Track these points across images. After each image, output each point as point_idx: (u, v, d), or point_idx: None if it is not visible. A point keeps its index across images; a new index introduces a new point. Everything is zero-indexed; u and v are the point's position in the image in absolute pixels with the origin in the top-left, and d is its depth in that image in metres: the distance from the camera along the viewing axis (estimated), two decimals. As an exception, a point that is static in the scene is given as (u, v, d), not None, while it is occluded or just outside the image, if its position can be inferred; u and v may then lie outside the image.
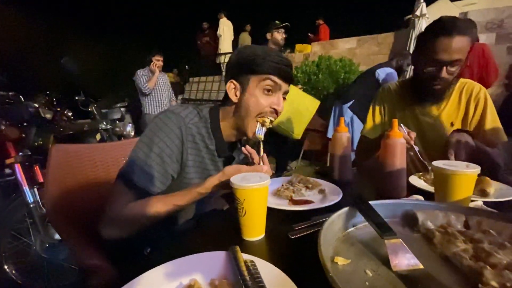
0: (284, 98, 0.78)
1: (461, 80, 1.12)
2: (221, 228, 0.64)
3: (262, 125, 0.76)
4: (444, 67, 0.98)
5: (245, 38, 6.92)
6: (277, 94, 0.75)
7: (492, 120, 1.07)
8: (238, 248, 0.46)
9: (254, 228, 0.56)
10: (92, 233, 0.73)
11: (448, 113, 1.12)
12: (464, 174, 0.60)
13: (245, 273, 0.40)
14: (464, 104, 1.11)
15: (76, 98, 2.30)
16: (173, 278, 0.42)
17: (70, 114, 2.25)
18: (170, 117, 0.71)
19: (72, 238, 0.78)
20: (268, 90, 0.74)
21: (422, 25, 3.69)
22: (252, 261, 0.43)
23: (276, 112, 0.76)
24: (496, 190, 0.75)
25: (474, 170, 0.59)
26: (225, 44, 7.16)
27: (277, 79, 0.73)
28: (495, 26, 3.66)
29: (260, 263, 0.43)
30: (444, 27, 0.96)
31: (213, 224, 0.65)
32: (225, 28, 7.11)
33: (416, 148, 0.97)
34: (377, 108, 1.26)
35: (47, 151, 1.79)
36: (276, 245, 0.55)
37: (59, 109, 2.11)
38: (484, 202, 0.67)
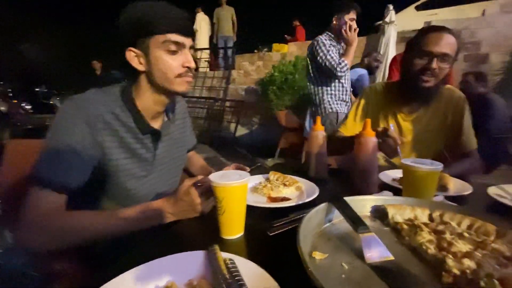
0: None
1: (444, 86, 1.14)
2: (198, 227, 0.62)
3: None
4: (435, 59, 1.00)
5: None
6: (184, 51, 0.71)
7: (468, 127, 1.11)
8: (217, 247, 0.46)
9: (233, 226, 0.56)
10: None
11: (428, 119, 1.14)
12: (428, 171, 0.65)
13: (225, 271, 0.40)
14: (444, 109, 1.13)
15: (37, 89, 2.11)
16: (148, 280, 0.40)
17: (28, 107, 2.06)
18: (67, 105, 0.66)
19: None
20: (174, 52, 0.69)
21: (391, 31, 3.91)
22: (231, 259, 0.43)
23: (190, 70, 0.73)
24: (455, 186, 0.82)
25: (437, 167, 0.64)
26: (202, 39, 7.01)
27: (178, 37, 0.68)
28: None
29: (240, 261, 0.43)
30: (434, 27, 1.03)
31: (191, 223, 0.63)
32: (202, 23, 6.96)
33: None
34: (361, 106, 1.25)
35: (2, 147, 1.62)
36: (255, 242, 0.55)
37: (15, 101, 1.92)
38: (445, 197, 0.73)
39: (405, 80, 1.12)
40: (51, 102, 2.31)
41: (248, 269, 0.41)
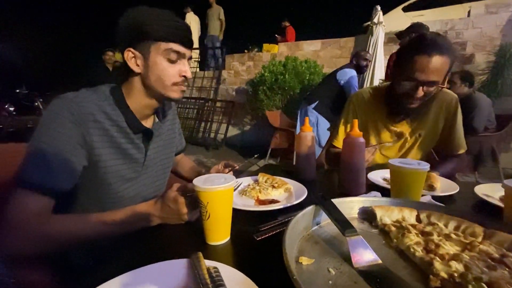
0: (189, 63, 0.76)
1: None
2: (183, 233, 0.60)
3: None
4: (420, 87, 0.95)
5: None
6: (183, 61, 0.73)
7: (459, 130, 1.10)
8: (200, 254, 0.44)
9: (219, 232, 0.54)
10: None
11: (419, 123, 1.11)
12: (416, 171, 0.65)
13: (208, 281, 0.38)
14: (436, 112, 1.10)
15: (17, 91, 2.04)
16: (128, 291, 0.38)
17: (11, 109, 1.98)
18: (56, 103, 0.64)
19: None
20: (173, 60, 0.71)
21: (379, 32, 3.96)
22: (215, 267, 0.41)
23: (186, 80, 0.74)
24: (442, 185, 0.83)
25: (424, 167, 0.64)
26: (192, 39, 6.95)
27: (180, 47, 0.70)
28: (439, 37, 4.08)
29: (224, 269, 0.41)
30: (424, 44, 0.93)
31: (173, 229, 0.61)
32: (192, 22, 6.90)
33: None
34: (350, 117, 1.21)
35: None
36: (241, 248, 0.54)
37: (-4, 102, 1.84)
38: (432, 196, 0.73)
39: (392, 95, 1.08)
40: (35, 104, 2.22)
41: (232, 277, 0.40)
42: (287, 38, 6.70)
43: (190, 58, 0.76)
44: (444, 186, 0.83)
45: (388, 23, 4.31)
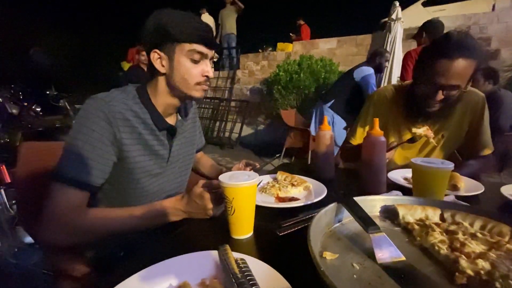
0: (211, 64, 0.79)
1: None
2: (209, 228, 0.63)
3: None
4: (440, 91, 0.91)
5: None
6: (206, 61, 0.76)
7: (486, 131, 1.05)
8: (227, 246, 0.46)
9: (243, 226, 0.56)
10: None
11: (443, 124, 1.06)
12: (439, 170, 0.64)
13: (236, 271, 0.40)
14: (462, 113, 1.05)
15: (47, 92, 2.15)
16: (163, 279, 0.41)
17: (38, 109, 2.10)
18: (89, 103, 0.69)
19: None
20: (196, 61, 0.74)
21: (397, 28, 3.85)
22: (242, 259, 0.43)
23: (208, 79, 0.77)
24: (466, 185, 0.81)
25: (448, 166, 0.64)
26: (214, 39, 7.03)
27: (203, 48, 0.73)
28: (462, 32, 3.92)
29: (250, 260, 0.43)
30: (447, 46, 0.87)
31: (199, 224, 0.64)
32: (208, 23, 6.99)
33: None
34: (370, 115, 1.17)
35: (14, 149, 1.66)
36: (265, 242, 0.56)
37: (26, 103, 1.96)
38: (456, 196, 0.72)
39: (413, 95, 1.03)
40: (60, 104, 2.34)
41: (259, 268, 0.42)
42: (302, 36, 6.65)
43: (212, 58, 0.78)
44: (469, 186, 0.81)
45: (407, 19, 4.18)
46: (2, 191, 1.39)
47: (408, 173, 0.91)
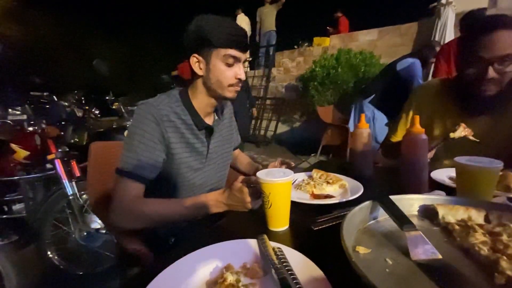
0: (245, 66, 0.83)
1: None
2: (246, 219, 0.69)
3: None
4: (490, 66, 0.84)
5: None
6: (239, 65, 0.81)
7: None
8: (266, 236, 0.51)
9: (279, 219, 0.60)
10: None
11: (496, 121, 0.95)
12: (486, 170, 0.60)
13: (274, 257, 0.45)
14: None
15: (107, 98, 2.44)
16: (210, 261, 0.47)
17: (97, 112, 2.38)
18: (141, 108, 0.78)
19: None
20: (230, 64, 0.79)
21: (448, 13, 3.50)
22: (279, 248, 0.48)
23: (240, 81, 0.82)
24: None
25: (496, 166, 0.60)
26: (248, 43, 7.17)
27: (236, 52, 0.78)
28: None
29: (286, 249, 0.48)
30: (483, 23, 0.86)
31: (239, 216, 0.70)
32: (243, 23, 7.12)
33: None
34: (412, 112, 1.12)
35: (82, 147, 1.93)
36: (300, 235, 0.59)
37: (87, 107, 2.25)
38: (508, 198, 0.67)
39: (461, 86, 0.96)
40: (114, 107, 2.64)
41: (294, 257, 0.46)
42: (339, 29, 6.40)
43: (246, 60, 0.85)
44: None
45: (460, 3, 3.76)
46: (74, 183, 1.63)
47: (453, 172, 0.86)
